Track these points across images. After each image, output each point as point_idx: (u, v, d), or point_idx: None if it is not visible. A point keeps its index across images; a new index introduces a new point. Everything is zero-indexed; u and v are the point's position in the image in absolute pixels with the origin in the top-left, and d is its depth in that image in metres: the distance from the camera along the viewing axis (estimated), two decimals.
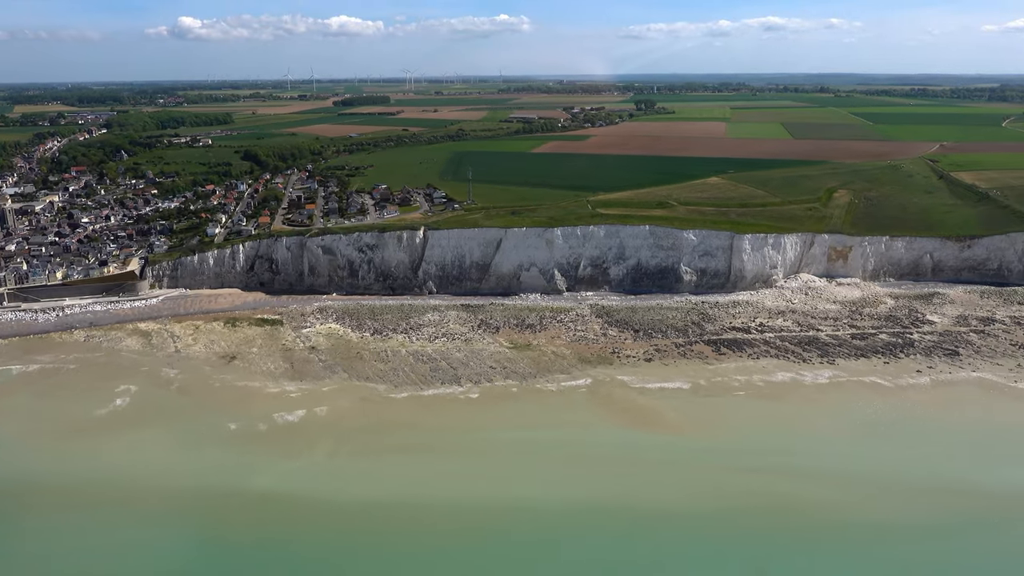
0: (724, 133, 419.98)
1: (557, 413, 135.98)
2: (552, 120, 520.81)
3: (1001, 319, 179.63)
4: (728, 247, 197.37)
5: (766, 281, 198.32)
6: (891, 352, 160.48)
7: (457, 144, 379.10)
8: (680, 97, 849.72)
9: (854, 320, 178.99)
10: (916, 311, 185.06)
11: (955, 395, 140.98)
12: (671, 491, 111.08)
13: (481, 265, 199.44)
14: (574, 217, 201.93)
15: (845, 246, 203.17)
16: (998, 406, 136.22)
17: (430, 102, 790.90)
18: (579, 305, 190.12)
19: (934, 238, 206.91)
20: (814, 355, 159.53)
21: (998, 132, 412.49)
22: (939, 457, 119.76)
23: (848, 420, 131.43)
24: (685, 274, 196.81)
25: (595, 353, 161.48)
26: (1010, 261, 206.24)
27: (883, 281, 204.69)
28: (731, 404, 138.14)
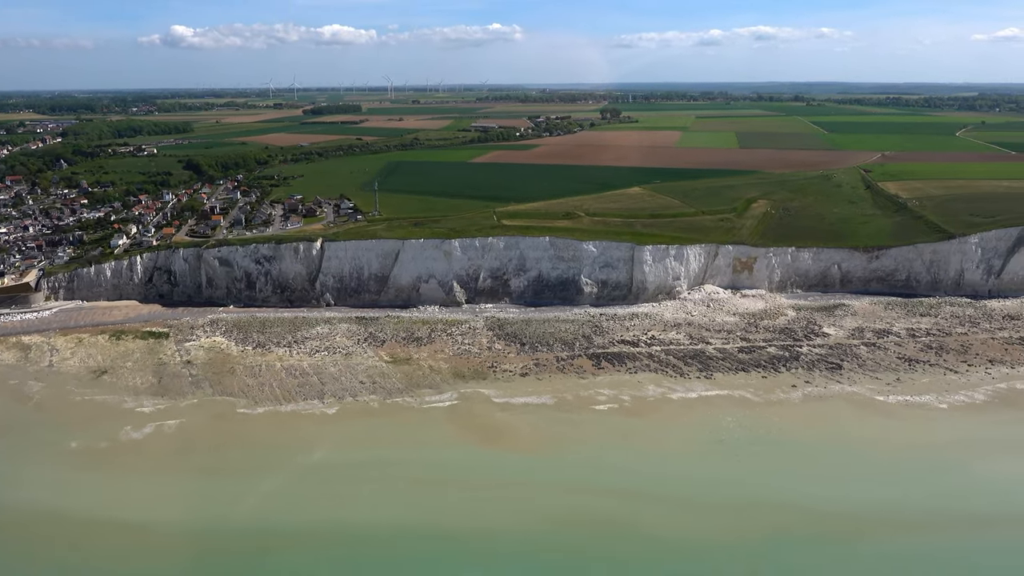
0: (674, 143, 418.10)
1: (410, 431, 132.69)
2: (511, 129, 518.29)
3: (897, 331, 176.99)
4: (629, 259, 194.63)
5: (669, 293, 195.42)
6: (773, 366, 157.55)
7: (401, 153, 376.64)
8: (654, 106, 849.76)
9: (748, 333, 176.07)
10: (814, 323, 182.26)
11: (820, 411, 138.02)
12: (494, 512, 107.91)
13: (380, 277, 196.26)
14: (475, 228, 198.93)
15: (750, 257, 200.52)
16: (858, 422, 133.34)
17: (402, 111, 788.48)
18: (475, 318, 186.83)
19: (842, 249, 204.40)
20: (694, 369, 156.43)
21: (947, 141, 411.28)
22: (779, 475, 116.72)
23: (701, 437, 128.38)
24: (586, 286, 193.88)
25: (472, 368, 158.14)
26: (918, 272, 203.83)
27: (790, 292, 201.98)
28: (589, 420, 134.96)
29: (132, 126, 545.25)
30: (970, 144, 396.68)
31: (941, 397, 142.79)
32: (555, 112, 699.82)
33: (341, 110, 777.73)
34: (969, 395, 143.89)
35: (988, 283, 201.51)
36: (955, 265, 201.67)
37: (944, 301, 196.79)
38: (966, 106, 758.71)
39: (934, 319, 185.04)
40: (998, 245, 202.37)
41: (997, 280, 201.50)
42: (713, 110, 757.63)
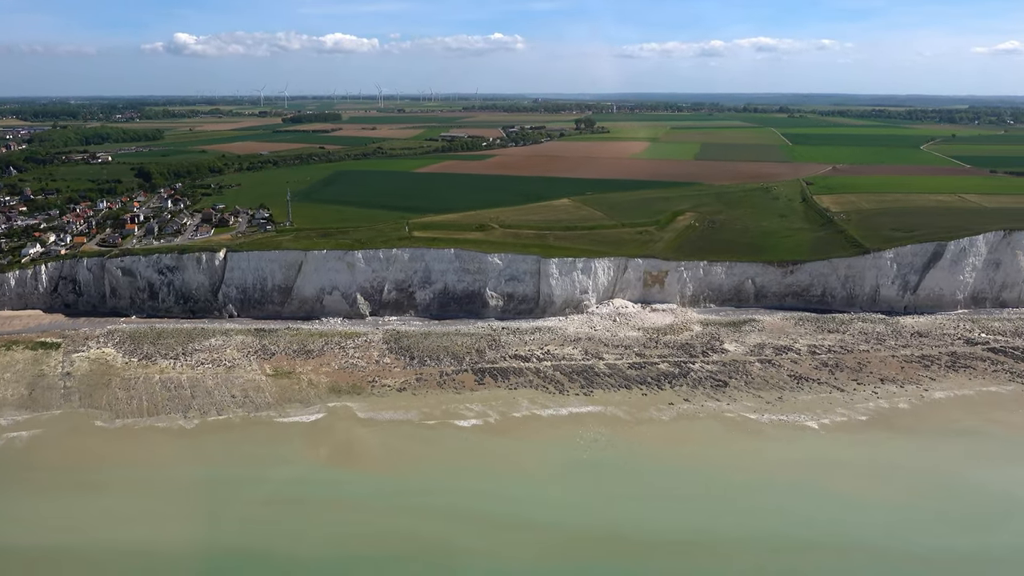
0: (631, 154, 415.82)
1: (263, 448, 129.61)
2: (479, 139, 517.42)
3: (799, 348, 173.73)
4: (536, 272, 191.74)
5: (577, 307, 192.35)
6: (658, 383, 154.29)
7: (353, 163, 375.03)
8: (636, 117, 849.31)
9: (645, 349, 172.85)
10: (717, 339, 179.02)
11: (687, 430, 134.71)
12: (321, 534, 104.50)
13: (283, 288, 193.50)
14: (382, 240, 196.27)
15: (660, 271, 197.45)
16: (722, 442, 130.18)
17: (383, 120, 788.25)
18: (375, 331, 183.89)
19: (756, 263, 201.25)
20: (576, 386, 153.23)
21: (908, 154, 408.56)
22: (618, 498, 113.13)
23: (556, 457, 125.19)
24: (491, 299, 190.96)
25: (352, 382, 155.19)
26: (833, 287, 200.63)
27: (703, 307, 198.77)
28: (448, 438, 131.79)
29: (100, 133, 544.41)
30: (929, 157, 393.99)
31: (818, 416, 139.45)
32: (532, 122, 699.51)
33: (320, 118, 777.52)
34: (848, 414, 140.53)
35: (904, 299, 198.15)
36: (870, 280, 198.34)
37: (857, 317, 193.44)
38: (947, 118, 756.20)
39: (841, 336, 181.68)
40: (914, 260, 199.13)
41: (913, 296, 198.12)
42: (693, 121, 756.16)
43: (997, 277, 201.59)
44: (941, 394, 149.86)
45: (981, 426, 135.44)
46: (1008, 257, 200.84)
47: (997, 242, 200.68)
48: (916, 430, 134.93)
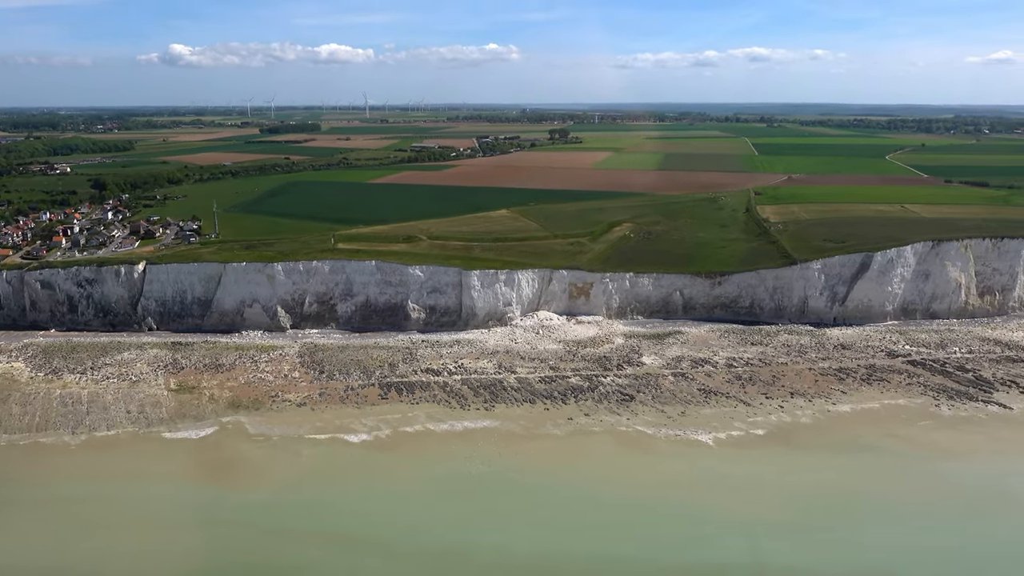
0: (593, 164, 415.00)
1: (142, 464, 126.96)
2: (450, 149, 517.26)
3: (717, 360, 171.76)
4: (458, 284, 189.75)
5: (501, 319, 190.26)
6: (563, 397, 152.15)
7: (311, 173, 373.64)
8: (616, 127, 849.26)
9: (561, 362, 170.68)
10: (637, 351, 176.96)
11: (579, 446, 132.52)
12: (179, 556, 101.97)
13: (203, 301, 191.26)
14: (304, 252, 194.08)
15: (586, 283, 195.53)
16: (611, 458, 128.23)
17: (361, 130, 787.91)
18: (293, 344, 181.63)
19: (683, 275, 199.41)
20: (480, 401, 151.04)
21: (868, 164, 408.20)
22: (488, 519, 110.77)
23: (439, 475, 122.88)
24: (413, 311, 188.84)
25: (254, 397, 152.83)
26: (761, 299, 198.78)
27: (630, 319, 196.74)
28: (333, 454, 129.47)
29: (69, 144, 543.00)
30: (890, 167, 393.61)
31: (715, 431, 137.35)
32: (512, 132, 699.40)
33: (300, 129, 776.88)
34: (746, 429, 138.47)
35: (833, 310, 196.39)
36: (798, 292, 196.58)
37: (783, 329, 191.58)
38: (924, 128, 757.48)
39: (763, 348, 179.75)
40: (842, 272, 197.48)
41: (842, 308, 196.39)
42: (673, 131, 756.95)
43: (927, 288, 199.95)
44: (847, 408, 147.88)
45: (878, 441, 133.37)
46: (937, 268, 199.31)
47: (926, 253, 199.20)
48: (812, 446, 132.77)
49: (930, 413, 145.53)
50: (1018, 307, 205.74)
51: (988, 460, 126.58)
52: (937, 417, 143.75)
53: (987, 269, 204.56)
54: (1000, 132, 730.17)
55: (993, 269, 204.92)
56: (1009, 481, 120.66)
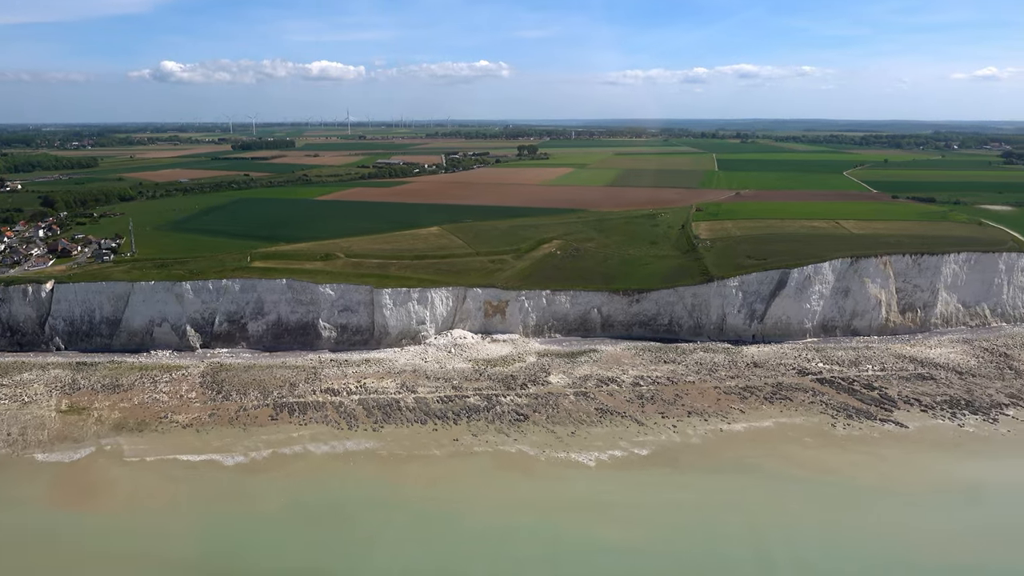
0: (547, 180, 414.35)
1: (6, 488, 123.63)
2: (413, 166, 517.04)
3: (623, 379, 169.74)
4: (369, 302, 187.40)
5: (414, 338, 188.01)
6: (456, 418, 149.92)
7: (263, 190, 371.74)
8: (589, 142, 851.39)
9: (466, 381, 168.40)
10: (546, 370, 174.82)
11: (455, 467, 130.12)
12: None
13: (112, 320, 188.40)
14: (216, 270, 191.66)
15: (501, 301, 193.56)
16: (483, 480, 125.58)
17: (334, 147, 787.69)
18: (199, 363, 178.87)
19: (601, 292, 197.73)
20: (371, 421, 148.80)
21: (822, 179, 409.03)
22: (328, 543, 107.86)
23: (299, 499, 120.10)
24: (324, 330, 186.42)
25: (143, 418, 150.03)
26: (680, 316, 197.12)
27: (547, 337, 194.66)
28: (201, 477, 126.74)
29: (31, 161, 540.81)
30: (843, 183, 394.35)
31: (599, 452, 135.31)
32: (481, 148, 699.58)
33: (273, 145, 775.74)
34: (631, 450, 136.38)
35: (752, 328, 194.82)
36: (716, 309, 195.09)
37: (700, 347, 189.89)
38: (894, 144, 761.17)
39: (674, 366, 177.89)
40: (760, 289, 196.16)
41: (761, 325, 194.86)
42: (643, 147, 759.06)
43: (847, 305, 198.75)
44: (741, 427, 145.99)
45: (760, 461, 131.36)
46: (856, 285, 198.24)
47: (844, 270, 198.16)
48: (692, 466, 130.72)
49: (823, 432, 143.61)
50: (941, 324, 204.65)
51: (863, 480, 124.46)
52: (829, 436, 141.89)
53: (908, 286, 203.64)
54: (970, 148, 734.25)
55: (914, 286, 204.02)
56: (876, 501, 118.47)
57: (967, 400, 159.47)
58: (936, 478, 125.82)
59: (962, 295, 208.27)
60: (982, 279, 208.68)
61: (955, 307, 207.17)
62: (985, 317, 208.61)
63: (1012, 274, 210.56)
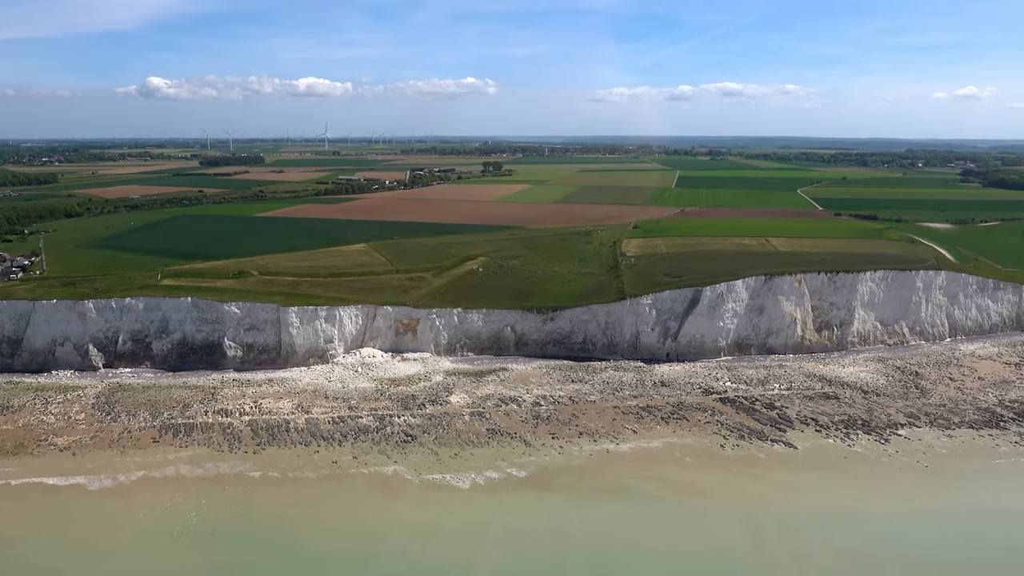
0: (499, 197, 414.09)
1: None
2: (373, 182, 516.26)
3: (525, 399, 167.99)
4: (276, 320, 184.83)
5: (322, 356, 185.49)
6: (343, 439, 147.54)
7: (212, 207, 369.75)
8: (561, 159, 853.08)
9: (365, 401, 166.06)
10: (449, 390, 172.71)
11: (326, 491, 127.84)
12: None
13: (13, 340, 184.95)
14: (122, 288, 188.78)
15: (412, 319, 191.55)
16: (349, 505, 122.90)
17: (304, 162, 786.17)
18: (98, 384, 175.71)
19: (515, 310, 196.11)
20: (254, 444, 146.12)
21: (773, 197, 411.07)
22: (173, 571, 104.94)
23: (156, 524, 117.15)
24: (229, 349, 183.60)
25: (21, 441, 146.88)
26: (594, 334, 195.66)
27: (460, 356, 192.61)
28: (59, 502, 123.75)
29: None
30: (792, 200, 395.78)
31: (477, 474, 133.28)
32: (451, 165, 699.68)
33: (241, 161, 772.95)
34: (512, 472, 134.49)
35: (665, 346, 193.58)
36: (630, 327, 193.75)
37: (611, 366, 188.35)
38: (860, 162, 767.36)
39: (581, 385, 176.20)
40: (674, 307, 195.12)
41: (675, 343, 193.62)
42: (612, 164, 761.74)
43: (762, 323, 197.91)
44: (629, 447, 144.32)
45: (638, 484, 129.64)
46: (771, 303, 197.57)
47: (758, 287, 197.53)
48: (567, 488, 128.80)
49: (710, 453, 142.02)
50: (858, 342, 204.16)
51: (733, 502, 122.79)
52: (715, 457, 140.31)
53: (824, 304, 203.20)
54: (935, 166, 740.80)
55: (830, 304, 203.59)
56: (738, 524, 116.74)
57: (864, 420, 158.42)
58: (807, 500, 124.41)
59: (880, 313, 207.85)
60: (900, 297, 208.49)
61: (872, 325, 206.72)
62: (903, 335, 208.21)
63: (930, 292, 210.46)
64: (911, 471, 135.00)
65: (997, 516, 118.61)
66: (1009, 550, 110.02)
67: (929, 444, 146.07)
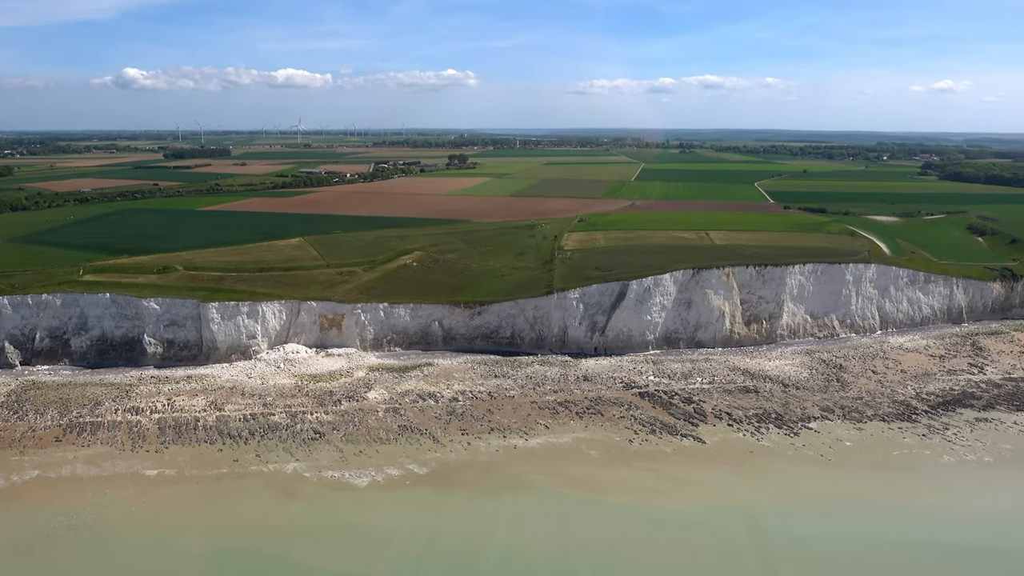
0: (454, 190, 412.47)
1: None
2: (333, 175, 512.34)
3: (444, 394, 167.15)
4: (197, 316, 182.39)
5: (245, 352, 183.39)
6: (250, 437, 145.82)
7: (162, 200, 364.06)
8: (531, 152, 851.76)
9: (281, 398, 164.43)
10: (369, 385, 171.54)
11: (221, 491, 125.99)
12: None
13: None
14: (40, 284, 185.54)
15: (337, 314, 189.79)
16: (240, 506, 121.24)
17: (270, 155, 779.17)
18: (12, 381, 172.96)
19: (442, 305, 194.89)
20: (158, 442, 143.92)
21: (727, 190, 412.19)
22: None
23: (30, 527, 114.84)
24: (149, 346, 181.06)
25: None
26: (522, 329, 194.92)
27: (387, 351, 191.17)
28: None
29: None
30: (746, 193, 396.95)
31: (377, 471, 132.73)
32: (414, 158, 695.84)
33: (206, 154, 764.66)
34: (412, 468, 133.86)
35: (593, 340, 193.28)
36: (558, 322, 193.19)
37: (538, 360, 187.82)
38: (826, 155, 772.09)
39: (503, 380, 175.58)
40: (601, 301, 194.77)
41: (602, 337, 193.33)
42: (580, 156, 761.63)
43: (690, 317, 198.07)
44: (537, 443, 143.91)
45: (537, 480, 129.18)
46: (699, 296, 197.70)
47: (686, 281, 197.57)
48: (468, 484, 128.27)
49: (618, 448, 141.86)
50: (788, 335, 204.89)
51: (627, 498, 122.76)
52: (621, 452, 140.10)
53: (753, 297, 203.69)
54: (900, 159, 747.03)
55: (759, 297, 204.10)
56: (627, 519, 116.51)
57: (779, 414, 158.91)
58: (699, 495, 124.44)
59: (810, 306, 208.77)
60: (829, 290, 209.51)
61: (803, 318, 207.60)
62: (833, 328, 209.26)
63: (860, 285, 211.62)
64: (813, 464, 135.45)
65: (883, 510, 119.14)
66: (894, 544, 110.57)
67: (837, 437, 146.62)
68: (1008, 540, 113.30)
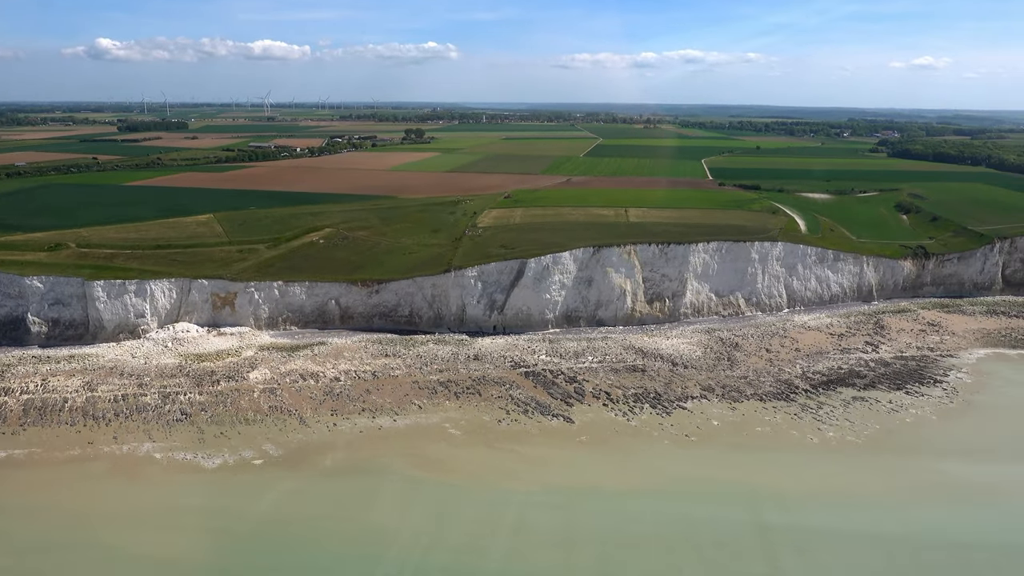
0: (395, 165, 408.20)
1: None
2: (283, 149, 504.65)
3: (327, 374, 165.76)
4: (83, 295, 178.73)
5: (133, 331, 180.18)
6: (115, 418, 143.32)
7: (96, 175, 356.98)
8: (495, 126, 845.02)
9: (157, 379, 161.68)
10: (254, 365, 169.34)
11: (63, 474, 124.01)
12: None
13: None
14: None
15: (229, 292, 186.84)
16: (75, 489, 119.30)
17: (228, 128, 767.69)
18: None
19: (339, 283, 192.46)
20: (16, 425, 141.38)
21: (672, 167, 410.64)
22: None
23: None
24: (33, 325, 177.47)
25: None
26: (420, 307, 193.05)
27: (282, 330, 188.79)
28: None
29: None
30: (688, 170, 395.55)
31: (232, 454, 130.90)
32: (373, 131, 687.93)
33: (162, 127, 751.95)
34: (267, 450, 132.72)
35: (492, 319, 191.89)
36: (456, 300, 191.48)
37: (433, 339, 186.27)
38: (786, 131, 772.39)
39: (393, 359, 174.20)
40: (500, 279, 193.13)
41: (501, 316, 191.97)
42: (540, 131, 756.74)
43: (591, 295, 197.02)
44: (405, 423, 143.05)
45: (392, 462, 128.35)
46: (599, 275, 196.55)
47: (587, 259, 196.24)
48: (318, 467, 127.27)
49: (484, 429, 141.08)
50: (692, 313, 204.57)
51: (479, 480, 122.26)
52: (486, 433, 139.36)
53: (656, 275, 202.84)
54: (861, 135, 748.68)
55: (662, 275, 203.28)
56: (472, 504, 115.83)
57: (658, 393, 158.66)
58: (548, 476, 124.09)
59: (715, 284, 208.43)
60: (735, 268, 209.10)
61: (707, 296, 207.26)
62: (739, 306, 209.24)
63: (767, 263, 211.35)
64: (674, 444, 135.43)
65: (728, 489, 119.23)
66: (729, 523, 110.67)
67: (708, 417, 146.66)
68: (835, 521, 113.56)
